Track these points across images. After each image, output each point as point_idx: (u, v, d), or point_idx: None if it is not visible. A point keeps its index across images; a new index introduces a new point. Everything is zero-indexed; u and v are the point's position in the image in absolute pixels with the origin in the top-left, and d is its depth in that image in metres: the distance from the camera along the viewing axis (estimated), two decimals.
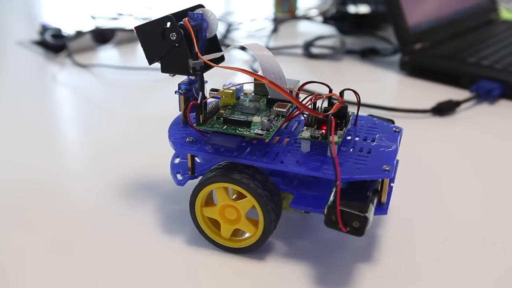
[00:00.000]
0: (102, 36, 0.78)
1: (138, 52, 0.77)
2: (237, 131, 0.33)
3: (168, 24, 0.32)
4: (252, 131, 0.33)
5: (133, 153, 0.48)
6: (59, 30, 0.77)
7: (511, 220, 0.38)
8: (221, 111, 0.36)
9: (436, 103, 0.56)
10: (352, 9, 0.85)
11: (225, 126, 0.34)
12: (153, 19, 0.32)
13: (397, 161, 0.37)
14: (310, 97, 0.34)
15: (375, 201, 0.32)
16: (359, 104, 0.36)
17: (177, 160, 0.38)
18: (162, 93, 0.62)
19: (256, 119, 0.34)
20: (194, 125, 0.34)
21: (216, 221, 0.34)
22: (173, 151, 0.38)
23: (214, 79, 0.39)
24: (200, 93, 0.34)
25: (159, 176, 0.43)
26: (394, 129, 0.36)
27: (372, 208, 0.30)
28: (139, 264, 0.34)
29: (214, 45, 0.36)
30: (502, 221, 0.38)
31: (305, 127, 0.33)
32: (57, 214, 0.39)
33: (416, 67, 0.67)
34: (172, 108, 0.37)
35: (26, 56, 0.76)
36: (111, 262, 0.34)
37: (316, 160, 0.32)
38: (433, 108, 0.56)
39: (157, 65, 0.34)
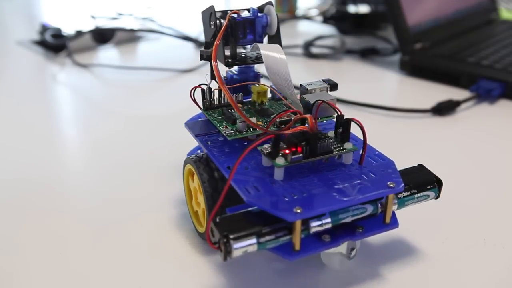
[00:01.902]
0: (102, 36, 0.78)
1: (138, 52, 0.77)
2: (219, 124, 0.34)
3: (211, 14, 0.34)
4: (230, 128, 0.33)
5: (133, 153, 0.48)
6: (59, 30, 0.77)
7: (511, 220, 0.38)
8: (239, 104, 0.36)
9: (436, 103, 0.56)
10: (352, 9, 0.85)
11: (219, 117, 0.35)
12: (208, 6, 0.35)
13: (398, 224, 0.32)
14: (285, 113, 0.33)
15: (272, 238, 0.28)
16: (365, 140, 0.32)
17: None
18: (162, 93, 0.62)
19: (251, 120, 0.34)
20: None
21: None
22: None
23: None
24: (210, 81, 0.35)
25: (159, 176, 0.43)
26: (389, 183, 0.30)
27: (252, 241, 0.27)
28: (140, 265, 0.34)
29: (275, 43, 0.36)
30: (502, 221, 0.38)
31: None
32: (57, 213, 0.39)
33: (416, 67, 0.66)
34: (172, 108, 0.37)
35: (26, 56, 0.76)
36: (111, 261, 0.34)
37: (257, 176, 0.30)
38: (433, 108, 0.56)
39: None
